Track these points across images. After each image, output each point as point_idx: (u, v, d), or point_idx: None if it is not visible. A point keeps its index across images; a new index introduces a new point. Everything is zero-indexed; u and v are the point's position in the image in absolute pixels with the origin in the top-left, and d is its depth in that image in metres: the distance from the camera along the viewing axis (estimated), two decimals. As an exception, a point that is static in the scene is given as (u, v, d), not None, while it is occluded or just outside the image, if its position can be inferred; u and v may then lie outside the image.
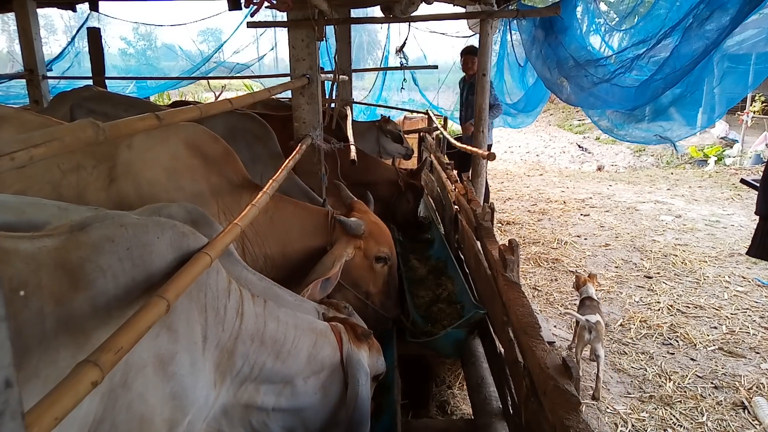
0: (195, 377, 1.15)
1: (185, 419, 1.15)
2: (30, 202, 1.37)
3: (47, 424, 0.61)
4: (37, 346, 0.84)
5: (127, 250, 1.02)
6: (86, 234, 1.00)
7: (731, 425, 2.99)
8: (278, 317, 1.41)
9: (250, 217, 1.45)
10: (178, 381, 1.10)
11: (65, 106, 2.92)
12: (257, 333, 1.33)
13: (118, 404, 0.98)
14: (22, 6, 4.69)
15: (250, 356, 1.32)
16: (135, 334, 0.81)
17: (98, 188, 1.95)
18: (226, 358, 1.26)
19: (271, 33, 7.97)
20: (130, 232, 1.05)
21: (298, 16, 2.86)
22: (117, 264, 0.99)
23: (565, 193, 8.75)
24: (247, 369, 1.33)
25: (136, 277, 1.02)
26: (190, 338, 1.13)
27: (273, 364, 1.38)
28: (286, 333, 1.41)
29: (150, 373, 1.04)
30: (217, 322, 1.21)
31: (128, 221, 1.08)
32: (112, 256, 0.99)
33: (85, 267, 0.95)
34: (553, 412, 1.33)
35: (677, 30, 3.05)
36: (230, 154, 2.24)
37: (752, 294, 4.63)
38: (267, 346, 1.35)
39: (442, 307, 2.87)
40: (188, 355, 1.12)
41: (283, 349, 1.40)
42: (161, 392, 1.07)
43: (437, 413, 3.02)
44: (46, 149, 0.71)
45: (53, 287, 0.89)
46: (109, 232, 1.02)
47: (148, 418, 1.04)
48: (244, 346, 1.29)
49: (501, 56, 5.93)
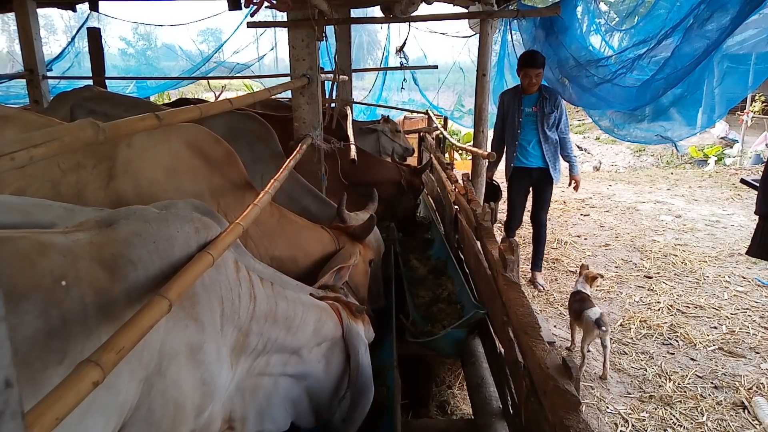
0: (220, 364, 1.23)
1: (212, 403, 1.23)
2: (35, 203, 1.37)
3: (48, 424, 0.61)
4: (80, 333, 0.87)
5: (154, 244, 1.08)
6: (115, 230, 1.05)
7: (731, 425, 2.99)
8: (286, 297, 1.51)
9: (252, 216, 1.45)
10: (207, 368, 1.17)
11: (65, 107, 2.92)
12: (270, 312, 1.41)
13: (153, 390, 1.04)
14: (22, 6, 4.69)
15: (264, 334, 1.40)
16: (137, 333, 0.81)
17: (97, 187, 1.94)
18: (242, 340, 1.33)
19: (271, 33, 7.97)
20: (154, 227, 1.10)
21: (298, 16, 2.86)
22: (147, 257, 1.05)
23: (565, 193, 8.75)
24: (261, 345, 1.41)
25: (164, 269, 1.07)
26: (213, 328, 1.20)
27: (285, 337, 1.48)
28: (295, 310, 1.51)
29: (183, 361, 1.10)
30: (233, 311, 1.27)
31: (151, 216, 1.13)
32: (142, 250, 1.04)
33: (119, 260, 1.00)
34: (553, 412, 1.33)
35: (678, 30, 3.05)
36: (232, 156, 2.23)
37: (752, 294, 4.63)
38: (279, 323, 1.44)
39: (442, 307, 2.87)
40: (214, 343, 1.20)
41: (293, 324, 1.50)
42: (193, 379, 1.14)
43: (437, 413, 3.02)
44: (46, 149, 0.71)
45: (91, 279, 0.93)
46: (136, 227, 1.08)
47: (181, 403, 1.11)
48: (258, 325, 1.37)
49: (501, 56, 5.91)
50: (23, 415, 0.49)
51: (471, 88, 6.18)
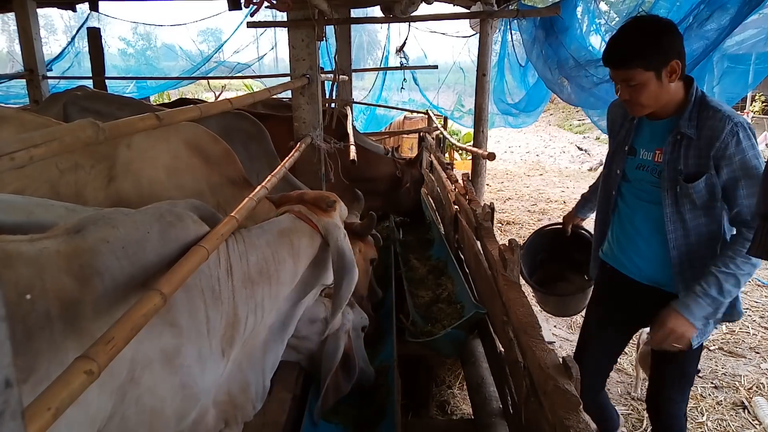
0: (202, 364, 1.18)
1: (197, 405, 1.19)
2: (38, 203, 1.38)
3: (46, 421, 0.61)
4: (47, 349, 0.84)
5: (123, 249, 1.04)
6: (82, 237, 1.02)
7: (731, 425, 2.99)
8: (254, 243, 1.40)
9: (247, 209, 1.44)
10: (186, 371, 1.13)
11: (58, 105, 2.93)
12: (246, 276, 1.33)
13: (126, 398, 1.01)
14: (22, 6, 4.69)
15: (249, 303, 1.33)
16: (129, 326, 0.81)
17: (97, 187, 1.95)
18: (231, 323, 1.28)
19: (271, 33, 7.96)
20: (122, 231, 1.07)
21: (298, 16, 2.86)
22: (115, 264, 1.01)
23: (565, 193, 8.75)
24: (252, 317, 1.34)
25: (134, 274, 1.04)
26: (194, 329, 1.16)
27: (270, 290, 1.40)
28: (264, 255, 1.40)
29: (157, 368, 1.06)
30: (214, 298, 1.23)
31: (119, 220, 1.10)
32: (110, 257, 1.01)
33: (87, 270, 0.96)
34: (553, 412, 1.33)
35: (677, 30, 3.05)
36: (230, 155, 2.25)
37: (752, 294, 4.63)
38: (256, 281, 1.36)
39: (442, 307, 2.87)
40: (194, 345, 1.15)
41: (270, 271, 1.40)
42: (170, 384, 1.10)
43: (437, 413, 3.02)
44: (46, 149, 0.71)
45: (58, 290, 0.90)
46: (103, 233, 1.04)
47: (158, 410, 1.08)
48: (241, 298, 1.30)
49: (501, 56, 5.90)
50: (23, 414, 0.49)
51: (471, 88, 6.17)
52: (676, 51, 1.73)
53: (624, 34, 1.80)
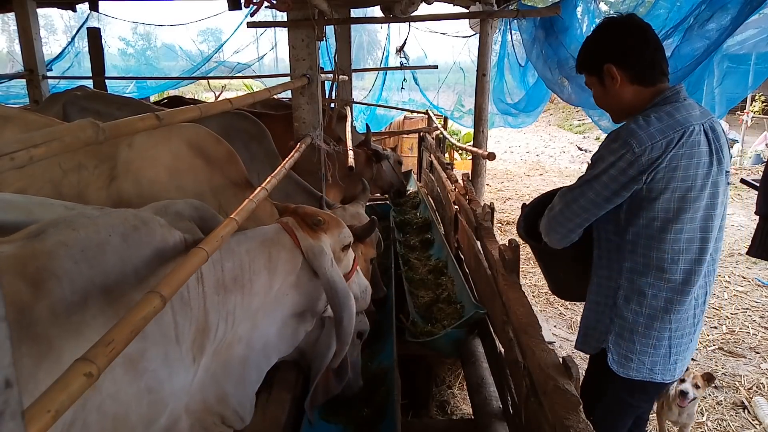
0: (170, 368, 1.15)
1: (165, 410, 1.15)
2: (38, 202, 1.37)
3: (45, 423, 0.61)
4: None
5: (82, 252, 1.02)
6: (41, 241, 1.00)
7: (731, 425, 2.99)
8: (233, 250, 1.37)
9: (247, 211, 1.44)
10: (152, 375, 1.10)
11: (58, 105, 2.94)
12: (219, 283, 1.30)
13: (87, 406, 0.98)
14: (22, 6, 4.69)
15: (221, 310, 1.30)
16: (129, 329, 0.80)
17: (99, 187, 1.95)
18: (201, 329, 1.25)
19: (271, 33, 7.96)
20: (83, 234, 1.05)
21: (298, 16, 2.86)
22: (73, 267, 0.99)
23: (565, 193, 8.73)
24: (223, 324, 1.30)
25: (94, 278, 1.02)
26: (158, 332, 1.13)
27: (242, 300, 1.35)
28: (241, 263, 1.37)
29: (119, 373, 1.04)
30: (183, 304, 1.20)
31: (81, 223, 1.08)
32: (68, 260, 0.99)
33: (42, 274, 0.94)
34: (553, 412, 1.33)
35: (678, 30, 3.05)
36: (233, 156, 2.24)
37: (752, 294, 4.63)
38: (230, 288, 1.32)
39: (442, 307, 2.88)
40: (159, 348, 1.12)
41: (245, 280, 1.36)
42: (134, 389, 1.07)
43: (437, 413, 3.02)
44: (46, 149, 0.70)
45: (14, 295, 0.89)
46: (62, 236, 1.02)
47: (121, 416, 1.04)
48: (212, 303, 1.27)
49: (501, 56, 5.90)
50: (23, 415, 0.49)
51: (471, 88, 6.17)
52: (610, 54, 1.63)
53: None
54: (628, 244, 1.62)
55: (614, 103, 1.70)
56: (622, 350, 1.66)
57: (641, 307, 1.62)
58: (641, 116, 1.55)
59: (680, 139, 1.50)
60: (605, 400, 1.75)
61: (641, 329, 1.63)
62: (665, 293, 1.59)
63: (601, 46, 1.68)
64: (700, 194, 1.54)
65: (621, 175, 1.52)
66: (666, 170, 1.50)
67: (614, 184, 1.53)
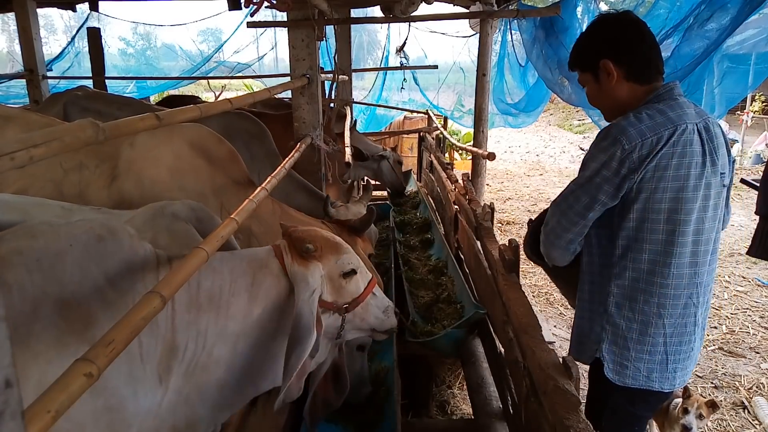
0: (134, 387, 1.09)
1: (129, 430, 1.10)
2: (35, 202, 1.37)
3: (45, 424, 0.61)
4: None
5: (37, 262, 0.98)
6: None
7: (731, 425, 2.99)
8: (215, 269, 1.29)
9: (247, 211, 1.44)
10: (112, 393, 1.05)
11: (58, 105, 2.94)
12: (192, 301, 1.23)
13: None
14: (22, 6, 4.69)
15: (191, 330, 1.22)
16: (129, 329, 0.80)
17: (100, 187, 1.95)
18: (168, 348, 1.18)
19: (271, 33, 7.95)
20: (41, 242, 1.02)
21: (298, 16, 2.86)
22: (25, 276, 0.96)
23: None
24: (192, 345, 1.23)
25: (48, 288, 0.98)
26: None
27: (215, 321, 1.26)
28: (221, 283, 1.29)
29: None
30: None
31: (40, 230, 1.04)
32: (20, 269, 0.96)
33: None
34: (553, 412, 1.33)
35: (678, 30, 3.05)
36: (234, 156, 2.25)
37: (752, 294, 4.63)
38: (203, 308, 1.24)
39: (442, 307, 2.88)
40: (122, 365, 1.06)
41: (222, 301, 1.28)
42: (91, 408, 1.01)
43: (437, 413, 3.02)
44: (46, 149, 0.71)
45: None
46: (18, 244, 0.99)
47: None
48: (182, 322, 1.20)
49: (501, 56, 5.90)
50: (23, 414, 0.49)
51: (471, 88, 6.17)
52: (607, 50, 1.60)
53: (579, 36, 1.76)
54: (618, 248, 1.57)
55: (608, 100, 1.67)
56: (617, 358, 1.62)
57: (634, 313, 1.58)
58: (633, 113, 1.52)
59: (671, 137, 1.46)
60: (608, 413, 1.72)
61: (635, 335, 1.59)
62: (657, 298, 1.54)
63: (597, 42, 1.65)
64: (693, 195, 1.50)
65: (614, 176, 1.48)
66: (656, 169, 1.46)
67: (608, 185, 1.49)
